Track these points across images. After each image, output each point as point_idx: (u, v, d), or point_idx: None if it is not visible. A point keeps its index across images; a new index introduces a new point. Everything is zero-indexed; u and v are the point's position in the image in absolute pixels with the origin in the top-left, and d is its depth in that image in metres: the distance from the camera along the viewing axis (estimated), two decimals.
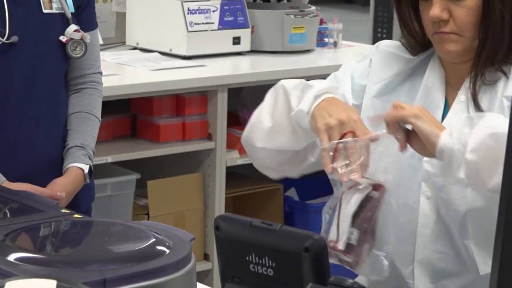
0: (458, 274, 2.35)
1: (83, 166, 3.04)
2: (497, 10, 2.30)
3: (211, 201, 4.51)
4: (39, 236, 2.08)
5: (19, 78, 2.98)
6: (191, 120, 4.49)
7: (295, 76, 4.66)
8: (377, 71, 2.49)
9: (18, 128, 3.00)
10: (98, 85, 3.18)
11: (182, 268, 1.91)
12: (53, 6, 3.02)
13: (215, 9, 4.75)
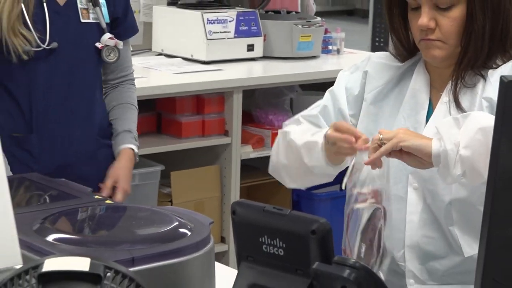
0: (445, 256, 2.34)
1: (133, 146, 3.13)
2: (479, 21, 2.30)
3: (227, 190, 4.52)
4: (74, 220, 2.08)
5: (59, 80, 2.99)
6: (209, 118, 4.50)
7: (303, 80, 4.72)
8: (371, 81, 2.49)
9: (57, 124, 3.02)
10: (132, 82, 3.21)
11: (201, 248, 1.91)
12: (90, 16, 3.03)
13: (231, 19, 4.74)
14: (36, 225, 1.94)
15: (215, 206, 4.51)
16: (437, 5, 2.31)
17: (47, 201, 2.29)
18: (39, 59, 2.96)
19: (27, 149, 3.01)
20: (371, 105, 2.48)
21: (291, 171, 2.49)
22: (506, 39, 2.35)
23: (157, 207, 2.56)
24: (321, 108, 2.53)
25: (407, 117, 2.41)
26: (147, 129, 4.46)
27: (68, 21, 3.01)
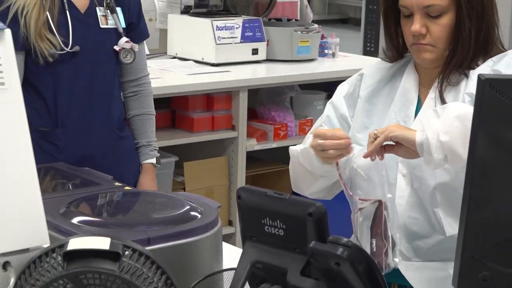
0: (429, 236, 2.34)
1: (152, 160, 3.23)
2: (466, 27, 2.29)
3: (234, 178, 4.51)
4: (96, 204, 2.08)
5: (81, 79, 3.00)
6: (218, 114, 4.49)
7: (302, 81, 4.72)
8: (366, 81, 2.49)
9: (80, 120, 3.02)
10: (149, 85, 3.24)
11: (210, 229, 1.91)
12: (108, 22, 3.04)
13: (238, 26, 4.74)
14: (62, 209, 1.94)
15: (223, 192, 4.51)
16: (428, 13, 2.30)
17: (72, 187, 2.29)
18: (63, 61, 2.97)
19: (53, 142, 3.02)
20: (366, 102, 2.47)
21: (303, 181, 2.51)
22: (488, 43, 2.34)
23: (170, 193, 2.56)
24: (324, 118, 2.53)
25: (398, 112, 2.40)
26: (162, 124, 4.44)
27: (89, 27, 3.01)
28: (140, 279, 1.56)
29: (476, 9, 2.29)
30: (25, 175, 1.66)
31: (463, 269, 1.65)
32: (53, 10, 2.93)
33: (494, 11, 2.34)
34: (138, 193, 2.23)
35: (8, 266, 1.61)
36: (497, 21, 2.37)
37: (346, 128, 2.49)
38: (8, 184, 1.63)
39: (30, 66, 2.96)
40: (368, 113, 2.46)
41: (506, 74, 2.26)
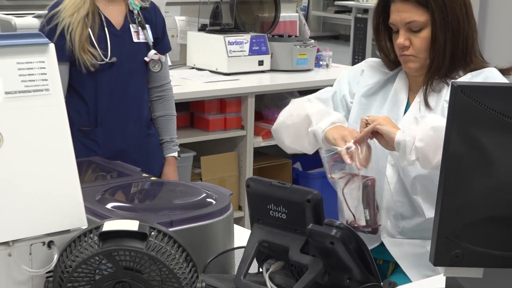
0: (411, 217, 2.34)
1: (175, 154, 3.26)
2: (440, 41, 2.29)
3: (243, 170, 4.50)
4: (127, 192, 2.07)
5: (118, 86, 3.02)
6: (230, 116, 4.48)
7: (300, 87, 4.71)
8: (365, 78, 2.48)
9: (116, 119, 3.04)
10: (171, 90, 3.26)
11: (223, 214, 1.90)
12: (140, 37, 3.06)
13: (246, 41, 4.73)
14: (98, 196, 1.93)
15: (234, 182, 4.50)
16: (410, 28, 2.30)
17: (106, 178, 2.28)
18: (102, 70, 2.99)
19: (93, 139, 3.03)
20: (362, 97, 2.46)
21: (292, 132, 2.45)
22: (466, 55, 2.33)
23: (189, 182, 2.55)
24: (333, 94, 2.51)
25: (390, 111, 2.40)
26: (183, 125, 4.44)
27: (123, 41, 3.02)
28: (164, 256, 1.55)
29: (452, 25, 2.28)
30: (66, 168, 1.65)
31: (438, 247, 1.65)
32: (94, 27, 2.95)
33: (471, 27, 2.32)
34: (162, 182, 2.23)
35: (52, 245, 1.61)
36: (475, 36, 2.35)
37: (343, 107, 2.49)
38: (51, 175, 1.63)
39: (74, 74, 2.97)
40: (365, 107, 2.45)
41: (476, 81, 2.25)
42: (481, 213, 1.64)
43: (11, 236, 1.57)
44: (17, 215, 1.58)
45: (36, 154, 1.61)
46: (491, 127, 1.62)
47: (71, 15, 2.90)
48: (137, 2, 3.06)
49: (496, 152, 1.62)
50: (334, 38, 13.76)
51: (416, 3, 2.28)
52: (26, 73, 1.63)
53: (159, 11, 3.19)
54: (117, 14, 3.04)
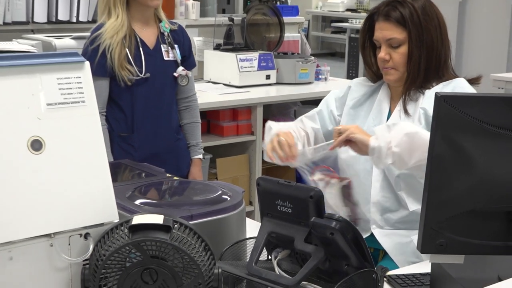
0: (397, 210, 2.33)
1: (200, 156, 3.26)
2: (415, 56, 2.28)
3: (253, 170, 4.50)
4: (153, 190, 2.07)
5: (151, 97, 3.05)
6: (241, 123, 4.47)
7: (302, 98, 4.71)
8: (352, 93, 2.47)
9: (150, 126, 3.07)
10: (196, 101, 3.31)
11: (237, 208, 1.89)
12: (170, 55, 3.09)
13: (255, 58, 4.72)
14: (128, 194, 1.93)
15: (245, 181, 4.50)
16: (390, 44, 2.30)
17: (135, 178, 2.28)
18: (138, 84, 3.01)
19: (130, 144, 3.05)
20: (351, 109, 2.45)
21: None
22: (438, 69, 2.32)
23: (207, 181, 2.55)
24: (318, 111, 2.51)
25: (375, 118, 2.39)
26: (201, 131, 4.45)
27: (156, 59, 3.05)
28: (185, 245, 1.55)
29: (426, 43, 2.27)
30: (100, 169, 1.65)
31: (425, 237, 1.64)
32: (131, 47, 2.98)
33: (444, 46, 2.31)
34: (183, 181, 2.22)
35: (88, 236, 1.60)
36: (449, 54, 2.34)
37: (331, 121, 2.49)
38: (87, 175, 1.62)
39: (113, 88, 2.99)
40: (353, 117, 2.44)
41: (456, 92, 2.24)
42: (462, 207, 1.63)
43: (52, 229, 1.56)
44: (58, 210, 1.57)
45: (74, 157, 1.61)
46: (470, 131, 1.61)
47: (111, 37, 2.93)
48: (167, 26, 3.09)
49: (475, 154, 1.61)
50: (331, 55, 13.74)
51: (396, 22, 2.27)
52: (65, 87, 1.63)
53: (186, 33, 3.21)
54: (150, 36, 3.06)
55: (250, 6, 5.11)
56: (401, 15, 2.27)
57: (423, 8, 2.28)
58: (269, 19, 5.13)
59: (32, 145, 1.55)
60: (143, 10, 3.00)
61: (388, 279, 1.84)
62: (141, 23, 3.04)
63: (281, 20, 5.12)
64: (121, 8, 2.95)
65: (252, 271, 1.69)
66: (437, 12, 2.32)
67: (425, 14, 2.27)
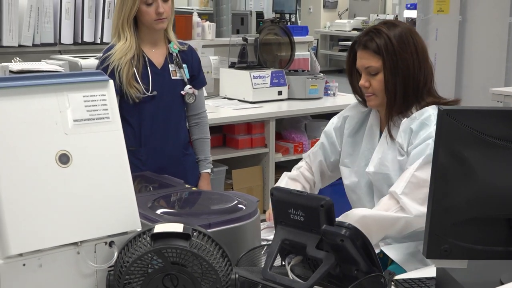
0: None
1: (208, 170, 3.21)
2: (391, 83, 2.25)
3: (267, 181, 4.49)
4: (173, 200, 2.07)
5: (158, 114, 3.02)
6: (255, 136, 4.47)
7: (313, 112, 4.71)
8: (349, 122, 2.47)
9: (157, 141, 3.04)
10: (206, 118, 3.24)
11: (252, 217, 1.89)
12: (177, 74, 3.07)
13: (268, 75, 4.73)
14: (149, 204, 1.93)
15: (259, 191, 4.49)
16: (369, 72, 2.28)
17: (156, 188, 2.28)
18: (145, 102, 2.99)
19: (138, 157, 3.02)
20: (349, 137, 2.45)
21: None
22: (417, 94, 2.27)
23: (223, 191, 2.55)
24: (320, 145, 2.53)
25: (367, 143, 2.38)
26: (217, 144, 4.45)
27: (163, 78, 3.03)
28: (204, 252, 1.54)
29: (402, 70, 2.24)
30: (123, 181, 1.65)
31: (430, 243, 1.63)
32: (139, 66, 2.96)
33: (422, 71, 2.26)
34: (201, 192, 2.22)
35: (113, 244, 1.60)
36: (429, 78, 2.28)
37: (334, 151, 2.50)
38: (111, 187, 1.63)
39: (122, 104, 2.97)
40: (352, 145, 2.44)
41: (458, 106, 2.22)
42: (465, 214, 1.62)
43: (79, 237, 1.56)
44: (84, 220, 1.57)
45: (99, 170, 1.61)
46: (472, 143, 1.60)
47: (119, 58, 2.92)
48: (175, 46, 3.07)
49: (476, 164, 1.60)
50: (339, 72, 13.73)
51: (372, 51, 2.25)
52: (91, 104, 1.63)
53: (196, 53, 3.19)
54: (158, 56, 3.05)
55: (262, 26, 5.12)
56: (376, 45, 2.24)
57: (400, 36, 2.24)
58: (280, 39, 5.14)
59: (60, 158, 1.56)
60: (151, 32, 3.00)
61: (395, 283, 1.83)
62: (150, 44, 3.03)
63: (292, 40, 5.13)
64: (129, 32, 2.95)
65: (267, 276, 1.68)
66: (416, 38, 2.27)
67: (401, 42, 2.24)
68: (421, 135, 2.19)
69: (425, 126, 2.21)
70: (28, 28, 4.21)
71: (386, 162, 2.27)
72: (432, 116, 2.22)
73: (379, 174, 2.28)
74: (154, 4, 2.92)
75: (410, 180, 2.11)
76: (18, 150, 1.52)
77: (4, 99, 1.52)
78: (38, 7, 4.23)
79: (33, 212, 1.51)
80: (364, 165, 2.36)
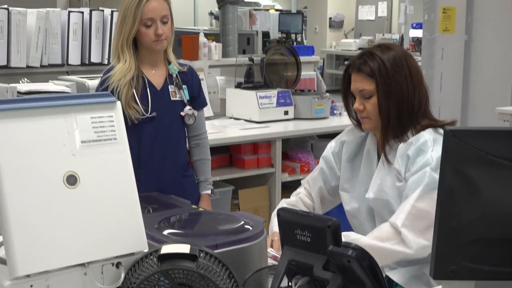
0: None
1: (209, 191, 3.16)
2: (384, 106, 2.24)
3: (273, 201, 4.48)
4: (179, 221, 2.07)
5: (157, 136, 3.00)
6: (262, 156, 4.47)
7: (319, 132, 4.71)
8: (346, 147, 2.46)
9: (156, 162, 3.02)
10: (206, 139, 3.21)
11: (258, 238, 1.89)
12: (177, 95, 3.05)
13: (274, 95, 4.74)
14: (156, 224, 1.93)
15: (266, 211, 4.48)
16: (363, 95, 2.27)
17: (163, 209, 2.28)
18: (144, 123, 2.98)
19: (137, 179, 2.98)
20: (347, 163, 2.44)
21: None
22: (412, 117, 2.26)
23: (230, 212, 2.54)
24: (319, 170, 2.53)
25: (366, 167, 2.38)
26: (224, 164, 4.45)
27: (163, 99, 3.01)
28: (211, 273, 1.55)
29: (396, 93, 2.23)
30: (130, 202, 1.66)
31: (437, 263, 1.62)
32: (138, 88, 2.94)
33: (417, 94, 2.25)
34: (208, 212, 2.22)
35: (120, 265, 1.60)
36: (424, 100, 2.28)
37: (334, 176, 2.49)
38: (118, 208, 1.63)
39: None
40: (350, 170, 2.44)
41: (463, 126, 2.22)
42: (471, 235, 1.62)
43: (86, 258, 1.57)
44: (91, 241, 1.58)
45: (106, 191, 1.62)
46: (478, 163, 1.60)
47: (118, 80, 2.91)
48: (175, 68, 3.06)
49: (482, 184, 1.60)
50: None
51: (366, 74, 2.25)
52: (98, 126, 1.64)
53: (196, 74, 3.17)
54: (158, 77, 3.04)
55: (268, 46, 5.14)
56: (370, 68, 2.24)
57: (393, 59, 2.24)
58: (286, 59, 5.16)
59: (67, 179, 1.57)
60: (151, 54, 3.00)
61: None
62: (150, 65, 3.03)
63: (298, 60, 5.14)
64: (128, 53, 2.94)
65: None
66: (410, 61, 2.26)
67: (394, 65, 2.23)
68: (418, 162, 2.19)
69: (421, 152, 2.20)
70: (36, 49, 4.25)
71: (385, 188, 2.27)
72: (429, 142, 2.21)
73: (379, 200, 2.28)
74: (153, 26, 2.92)
75: (410, 211, 2.11)
76: (26, 171, 1.53)
77: (12, 121, 1.54)
78: (46, 28, 4.27)
79: (41, 233, 1.52)
80: (364, 190, 2.35)
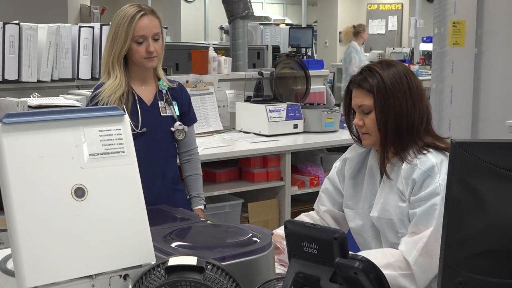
0: None
1: (201, 207, 3.15)
2: (382, 123, 2.24)
3: (283, 214, 4.48)
4: (187, 233, 2.07)
5: (148, 151, 2.97)
6: (271, 169, 4.47)
7: (328, 145, 4.71)
8: (349, 163, 2.46)
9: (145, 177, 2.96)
10: (197, 154, 3.20)
11: (266, 250, 1.89)
12: (167, 111, 3.05)
13: (283, 109, 4.75)
14: (164, 237, 1.93)
15: (275, 224, 4.47)
16: (363, 110, 2.27)
17: (170, 222, 2.29)
18: (135, 138, 2.91)
19: None
20: (350, 180, 2.44)
21: None
22: (412, 133, 2.26)
23: (239, 225, 2.55)
24: (324, 190, 2.54)
25: (368, 185, 2.37)
26: (233, 177, 4.45)
27: (152, 115, 3.01)
28: (218, 286, 1.55)
29: (394, 109, 2.23)
30: (138, 214, 1.67)
31: (444, 276, 1.62)
32: (128, 103, 2.93)
33: (416, 110, 2.25)
34: (216, 225, 2.22)
35: (127, 277, 1.61)
36: (425, 116, 2.27)
37: (340, 195, 2.49)
38: (126, 220, 1.64)
39: None
40: (354, 187, 2.43)
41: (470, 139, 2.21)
42: (479, 247, 1.62)
43: (94, 270, 1.58)
44: (99, 253, 1.59)
45: (114, 203, 1.63)
46: (485, 175, 1.60)
47: (108, 96, 2.91)
48: (165, 84, 3.06)
49: (489, 196, 1.60)
50: None
51: (365, 90, 2.25)
52: (106, 139, 1.66)
53: (186, 91, 3.16)
54: (148, 93, 3.04)
55: (278, 60, 5.16)
56: (369, 84, 2.24)
57: (393, 76, 2.24)
58: (296, 73, 5.17)
59: (75, 192, 1.58)
60: (141, 70, 3.00)
61: None
62: (140, 82, 3.03)
63: (307, 73, 5.16)
64: (119, 70, 2.93)
65: None
66: (410, 78, 2.26)
67: (394, 82, 2.23)
68: (425, 188, 2.18)
69: (428, 177, 2.19)
70: (47, 64, 4.28)
71: (388, 207, 2.27)
72: (436, 168, 2.20)
73: (383, 219, 2.28)
74: (144, 43, 2.91)
75: (423, 249, 2.11)
76: (35, 183, 1.54)
77: (21, 134, 1.55)
78: (56, 43, 4.30)
79: (49, 245, 1.53)
80: (368, 207, 2.35)
